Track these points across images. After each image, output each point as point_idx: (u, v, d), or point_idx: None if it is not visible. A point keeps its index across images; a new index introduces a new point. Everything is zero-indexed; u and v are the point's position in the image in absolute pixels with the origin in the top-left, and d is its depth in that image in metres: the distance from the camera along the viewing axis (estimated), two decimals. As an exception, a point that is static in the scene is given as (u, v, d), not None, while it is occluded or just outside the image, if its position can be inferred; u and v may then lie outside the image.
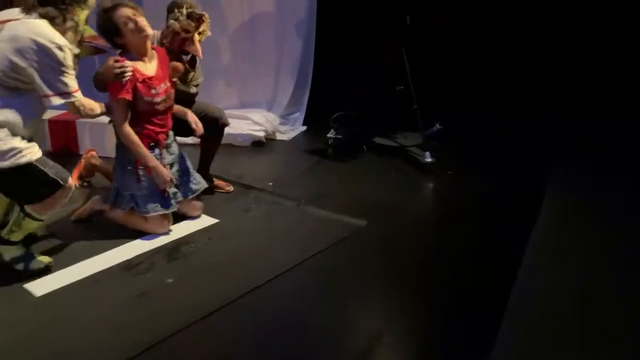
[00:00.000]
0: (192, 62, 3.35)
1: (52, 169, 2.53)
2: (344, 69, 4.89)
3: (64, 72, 2.45)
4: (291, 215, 3.37)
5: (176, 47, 3.19)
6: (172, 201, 3.14)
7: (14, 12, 2.52)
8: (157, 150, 3.09)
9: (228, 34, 5.05)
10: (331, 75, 4.99)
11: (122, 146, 3.06)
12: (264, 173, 4.12)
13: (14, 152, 2.41)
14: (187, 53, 3.28)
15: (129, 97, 2.92)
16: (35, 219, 2.62)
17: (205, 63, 5.32)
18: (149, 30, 2.94)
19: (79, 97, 2.59)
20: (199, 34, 3.18)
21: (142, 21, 2.90)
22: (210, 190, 3.65)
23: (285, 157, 4.56)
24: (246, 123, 4.71)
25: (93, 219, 3.24)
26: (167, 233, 3.11)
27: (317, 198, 3.58)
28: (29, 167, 2.45)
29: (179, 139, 3.31)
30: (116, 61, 2.88)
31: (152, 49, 3.08)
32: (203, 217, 3.32)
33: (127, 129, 2.97)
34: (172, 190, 3.15)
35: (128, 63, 2.90)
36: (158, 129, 3.09)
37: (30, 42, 2.37)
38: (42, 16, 2.46)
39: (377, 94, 4.65)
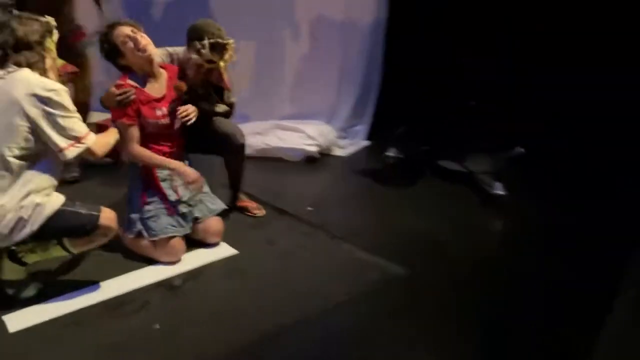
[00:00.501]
0: (219, 91, 3.03)
1: (82, 207, 2.35)
2: (416, 78, 4.32)
3: (70, 117, 2.27)
4: (321, 252, 2.89)
5: (201, 79, 2.93)
6: (184, 223, 2.81)
7: None
8: (166, 172, 2.81)
9: (283, 36, 4.66)
10: (402, 84, 4.43)
11: (133, 168, 2.84)
12: (307, 194, 3.66)
13: (38, 211, 2.24)
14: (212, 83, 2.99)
15: (130, 121, 2.72)
16: (66, 250, 2.39)
17: (256, 69, 5.11)
18: (151, 49, 2.72)
19: (90, 141, 2.34)
20: (225, 62, 2.86)
21: (142, 39, 2.69)
22: (240, 211, 3.28)
23: (335, 177, 4.08)
24: (299, 136, 4.28)
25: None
26: (176, 262, 2.75)
27: (357, 231, 3.09)
28: (58, 213, 2.27)
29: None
30: (117, 86, 2.70)
31: (162, 67, 2.87)
32: (222, 245, 2.92)
33: (136, 149, 2.75)
34: (185, 209, 2.83)
35: (131, 84, 2.71)
36: (167, 149, 2.84)
37: (29, 100, 2.17)
38: (20, 64, 2.24)
39: (447, 108, 4.06)
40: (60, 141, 2.25)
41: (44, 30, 2.32)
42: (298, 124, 4.36)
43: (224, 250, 2.88)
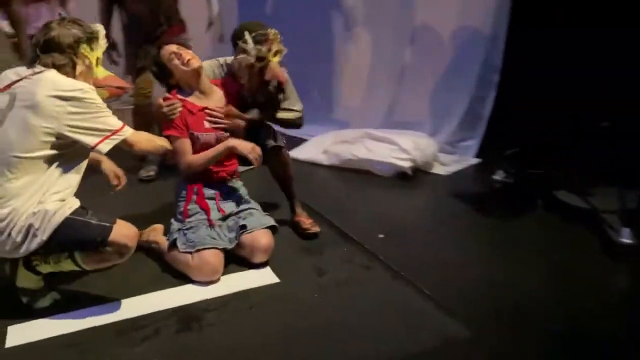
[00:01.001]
0: (280, 88, 2.78)
1: (94, 217, 2.16)
2: (537, 91, 3.61)
3: (100, 113, 2.14)
4: (377, 292, 2.38)
5: (256, 82, 2.72)
6: (225, 237, 2.55)
7: (17, 71, 2.17)
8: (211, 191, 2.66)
9: (389, 41, 4.19)
10: (520, 97, 3.74)
11: (179, 181, 2.73)
12: (384, 218, 3.14)
13: (48, 219, 2.07)
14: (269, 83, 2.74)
15: (178, 133, 2.59)
16: (77, 266, 2.20)
17: (345, 70, 4.70)
18: (196, 63, 2.63)
19: (127, 133, 2.19)
20: (275, 55, 2.66)
21: (187, 55, 2.63)
22: (294, 228, 2.93)
23: (426, 199, 3.53)
24: (390, 149, 3.77)
25: (151, 248, 2.70)
26: (211, 282, 2.44)
27: (427, 271, 2.53)
28: (68, 222, 2.09)
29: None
30: (165, 99, 2.62)
31: (215, 83, 2.77)
32: (265, 271, 2.54)
33: (189, 159, 2.59)
34: (229, 222, 2.60)
35: (179, 97, 2.63)
36: (218, 168, 2.68)
37: (52, 101, 2.05)
38: (47, 65, 2.13)
39: (572, 128, 3.31)
40: (90, 139, 2.11)
41: (81, 36, 2.20)
42: (391, 135, 3.85)
43: (264, 277, 2.51)
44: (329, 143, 4.01)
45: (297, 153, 3.97)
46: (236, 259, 2.58)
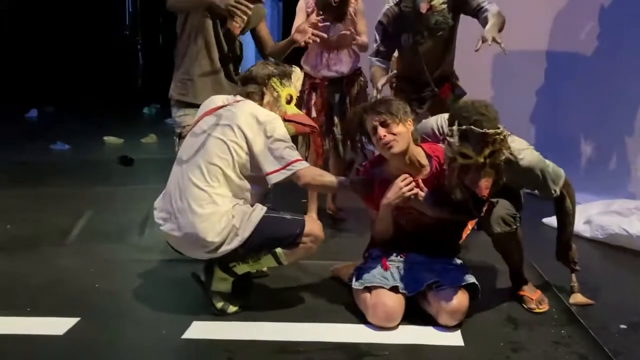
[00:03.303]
0: (477, 203, 2.20)
1: (286, 213, 2.34)
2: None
3: (284, 144, 2.29)
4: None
5: (455, 178, 2.13)
6: (401, 280, 2.28)
7: (224, 98, 2.46)
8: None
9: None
10: None
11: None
12: (636, 307, 2.42)
13: (247, 218, 2.25)
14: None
15: (374, 207, 2.38)
16: (277, 261, 2.31)
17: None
18: (396, 148, 2.20)
19: (298, 167, 2.28)
20: (488, 157, 2.04)
21: (389, 136, 2.19)
22: (519, 301, 2.42)
23: None
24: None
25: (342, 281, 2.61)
26: (386, 328, 2.20)
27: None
28: (265, 220, 2.26)
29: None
30: (358, 171, 2.57)
31: (428, 153, 2.35)
32: (452, 335, 2.17)
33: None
34: (417, 273, 2.29)
35: (367, 177, 2.41)
36: (406, 244, 2.40)
37: (250, 123, 2.29)
38: (243, 95, 2.42)
39: None
40: (268, 165, 2.27)
41: (274, 73, 2.43)
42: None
43: (447, 336, 2.16)
44: (594, 212, 3.33)
45: (553, 220, 3.40)
46: (426, 316, 2.28)
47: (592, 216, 3.31)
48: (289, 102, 2.46)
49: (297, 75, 2.51)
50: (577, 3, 4.20)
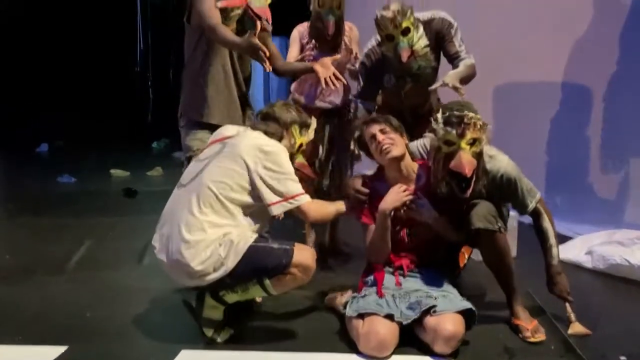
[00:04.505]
0: (463, 184, 2.25)
1: (274, 242, 2.28)
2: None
3: (287, 176, 2.29)
4: None
5: (440, 169, 2.28)
6: (397, 308, 2.23)
7: (234, 129, 2.45)
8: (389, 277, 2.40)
9: None
10: None
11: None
12: (636, 338, 2.35)
13: (233, 248, 2.20)
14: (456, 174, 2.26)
15: (366, 221, 2.46)
16: (264, 290, 2.28)
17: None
18: (395, 152, 2.36)
19: (300, 201, 2.30)
20: (469, 144, 2.19)
21: (387, 141, 2.37)
22: (515, 331, 2.36)
23: None
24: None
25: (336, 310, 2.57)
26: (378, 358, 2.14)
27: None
28: (252, 250, 2.20)
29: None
30: (356, 184, 2.49)
31: (423, 164, 2.48)
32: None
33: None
34: (411, 299, 2.26)
35: (363, 190, 2.47)
36: (402, 259, 2.43)
37: (253, 152, 2.27)
38: (257, 129, 2.40)
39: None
40: (270, 196, 2.25)
41: (297, 120, 2.46)
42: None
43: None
44: (596, 242, 3.28)
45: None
46: (421, 345, 2.23)
47: (594, 247, 3.25)
48: (299, 150, 2.48)
49: (313, 124, 2.54)
50: (569, 40, 4.22)
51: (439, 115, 2.24)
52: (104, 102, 9.65)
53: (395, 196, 2.34)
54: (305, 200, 2.30)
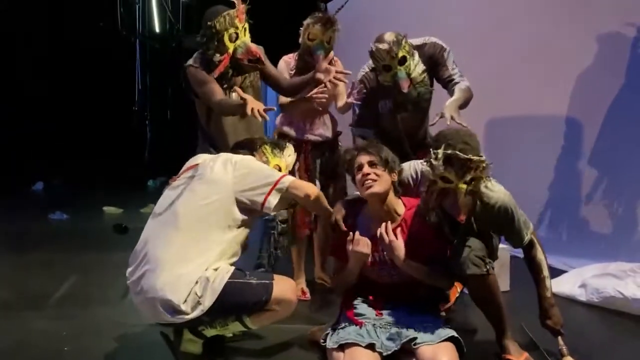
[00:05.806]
0: (456, 228, 2.23)
1: (253, 276, 2.21)
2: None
3: (260, 170, 2.30)
4: None
5: (433, 203, 2.17)
6: (378, 337, 2.15)
7: (204, 156, 2.45)
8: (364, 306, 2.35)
9: None
10: None
11: None
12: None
13: (210, 287, 2.12)
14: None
15: (341, 260, 2.40)
16: (244, 326, 2.24)
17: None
18: (377, 188, 2.25)
19: (287, 181, 2.27)
20: (467, 184, 2.07)
21: (370, 176, 2.26)
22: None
23: None
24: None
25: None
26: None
27: None
28: (229, 287, 2.12)
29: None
30: (336, 224, 2.37)
31: (405, 202, 2.37)
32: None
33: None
34: (391, 329, 2.19)
35: (342, 227, 2.36)
36: (377, 296, 2.38)
37: (221, 169, 2.26)
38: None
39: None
40: (258, 196, 2.22)
41: (268, 142, 2.55)
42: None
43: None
44: (589, 275, 3.21)
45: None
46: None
47: (587, 279, 3.18)
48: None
49: (290, 150, 2.53)
50: (565, 71, 4.25)
51: (440, 152, 2.07)
52: (102, 141, 9.67)
53: (366, 249, 2.25)
54: (290, 178, 2.28)
